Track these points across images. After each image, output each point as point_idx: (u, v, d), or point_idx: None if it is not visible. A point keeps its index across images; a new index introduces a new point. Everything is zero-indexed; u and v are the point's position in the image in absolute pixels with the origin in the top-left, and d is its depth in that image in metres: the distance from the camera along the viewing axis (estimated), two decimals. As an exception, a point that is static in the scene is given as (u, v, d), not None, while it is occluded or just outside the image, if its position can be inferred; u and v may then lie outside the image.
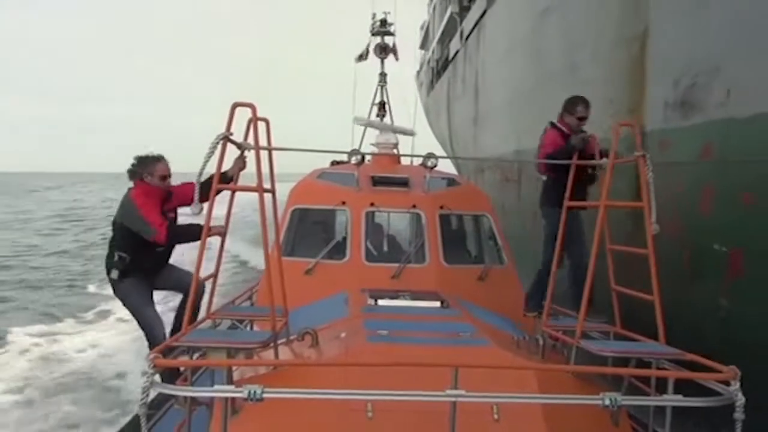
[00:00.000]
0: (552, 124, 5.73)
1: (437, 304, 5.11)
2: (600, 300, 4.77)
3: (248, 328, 5.36)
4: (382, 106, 9.82)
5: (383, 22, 10.37)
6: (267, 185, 4.08)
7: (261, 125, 4.14)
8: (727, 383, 3.06)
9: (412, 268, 6.08)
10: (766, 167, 5.08)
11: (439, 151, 23.26)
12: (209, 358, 3.85)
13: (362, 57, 10.78)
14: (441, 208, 6.46)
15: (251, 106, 3.96)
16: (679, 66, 6.61)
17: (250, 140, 4.08)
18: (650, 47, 7.36)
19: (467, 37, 19.71)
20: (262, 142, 4.17)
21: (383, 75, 10.06)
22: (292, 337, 4.57)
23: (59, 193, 79.51)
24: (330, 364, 3.79)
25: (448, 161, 18.13)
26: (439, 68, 27.04)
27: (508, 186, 13.66)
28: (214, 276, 4.28)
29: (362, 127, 9.46)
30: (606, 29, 8.63)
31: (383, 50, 10.15)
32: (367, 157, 7.64)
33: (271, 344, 4.06)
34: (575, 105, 5.60)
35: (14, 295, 17.47)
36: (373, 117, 10.10)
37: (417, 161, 7.47)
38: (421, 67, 35.49)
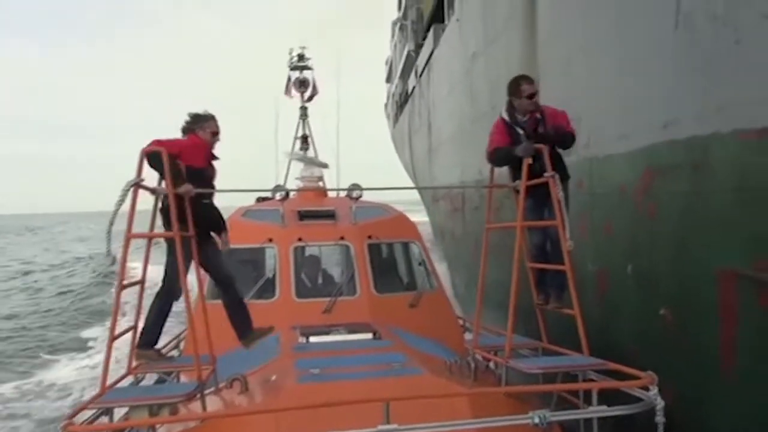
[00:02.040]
0: (500, 116, 5.37)
1: (369, 335, 5.16)
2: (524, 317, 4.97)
3: (176, 379, 5.23)
4: (305, 139, 9.83)
5: (300, 57, 10.38)
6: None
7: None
8: (647, 388, 3.24)
9: (344, 301, 6.07)
10: (614, 198, 6.07)
11: (406, 181, 24.30)
12: (131, 417, 3.73)
13: (287, 91, 10.65)
14: (369, 237, 6.46)
15: (162, 150, 3.95)
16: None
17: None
18: (541, 94, 8.43)
19: (420, 74, 20.94)
20: None
21: (304, 109, 10.08)
22: (221, 385, 4.45)
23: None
24: (257, 411, 3.69)
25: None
26: (401, 102, 28.28)
27: (455, 215, 14.66)
28: (133, 329, 4.20)
29: (286, 162, 9.58)
30: (513, 74, 9.72)
31: (302, 84, 10.19)
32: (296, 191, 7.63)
33: (198, 395, 3.97)
34: (518, 85, 5.13)
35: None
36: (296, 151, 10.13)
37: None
38: (387, 100, 36.79)
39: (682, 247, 4.88)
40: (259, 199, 8.11)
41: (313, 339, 5.35)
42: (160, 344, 5.04)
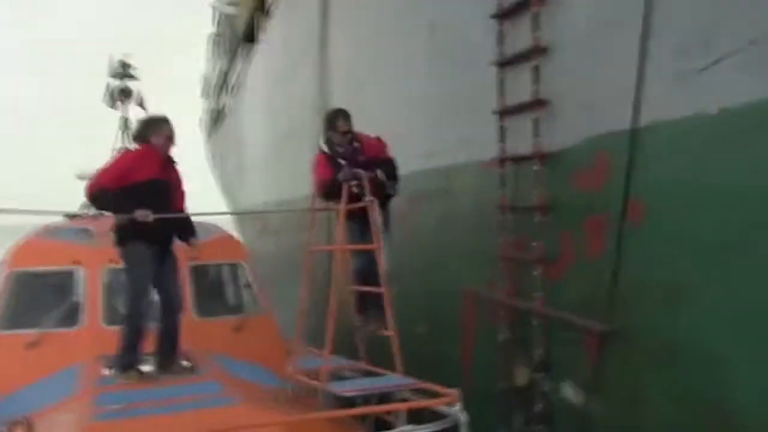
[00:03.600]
0: (320, 149, 5.37)
1: (181, 365, 4.90)
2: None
3: None
4: None
5: (124, 65, 9.68)
6: None
7: None
8: (452, 405, 3.38)
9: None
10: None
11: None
12: None
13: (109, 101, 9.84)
14: (192, 259, 6.03)
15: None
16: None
17: None
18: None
19: (231, 92, 20.65)
20: None
21: (125, 120, 9.44)
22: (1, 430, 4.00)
23: None
24: None
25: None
26: (215, 118, 27.59)
27: (264, 235, 14.57)
28: None
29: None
30: (308, 101, 10.04)
31: (123, 93, 9.54)
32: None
33: None
34: (336, 122, 5.21)
35: None
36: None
37: None
38: (202, 116, 35.68)
39: (435, 268, 5.30)
40: (68, 216, 7.34)
41: None
42: None
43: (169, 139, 4.92)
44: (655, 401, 3.37)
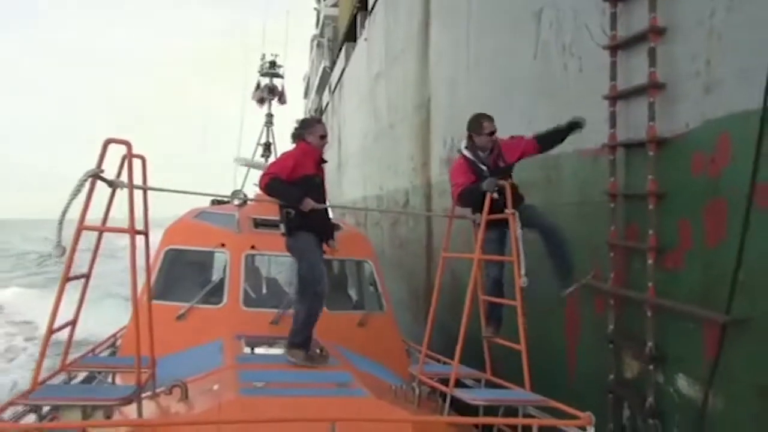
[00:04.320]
0: (459, 152, 5.25)
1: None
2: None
3: (110, 381, 5.06)
4: (267, 147, 9.52)
5: (272, 64, 10.24)
6: (140, 227, 3.87)
7: (137, 164, 3.90)
8: (584, 429, 3.31)
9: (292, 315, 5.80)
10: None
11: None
12: (62, 417, 3.61)
13: (261, 99, 10.33)
14: (323, 253, 6.10)
15: (126, 143, 3.74)
16: (446, 129, 8.11)
17: (124, 179, 3.82)
18: (432, 113, 8.89)
19: (333, 91, 21.23)
20: (137, 181, 3.95)
21: (270, 116, 9.84)
22: (159, 391, 4.23)
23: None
24: (197, 422, 3.52)
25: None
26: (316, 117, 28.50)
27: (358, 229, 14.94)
28: (73, 323, 3.98)
29: (245, 169, 9.22)
30: (409, 94, 10.15)
31: (271, 91, 10.01)
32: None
33: (135, 399, 3.76)
34: (480, 123, 5.08)
35: None
36: (259, 157, 9.81)
37: None
38: (305, 115, 36.91)
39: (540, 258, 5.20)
40: (214, 202, 7.81)
41: (258, 350, 5.23)
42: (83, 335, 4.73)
43: (323, 138, 5.26)
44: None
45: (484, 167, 4.95)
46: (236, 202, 6.21)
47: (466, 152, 5.11)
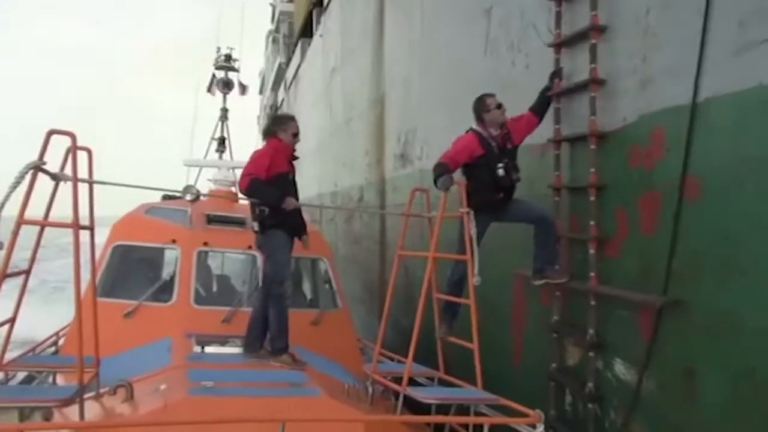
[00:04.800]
0: (472, 129, 5.00)
1: (248, 353, 5.02)
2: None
3: (51, 381, 4.90)
4: (222, 141, 9.34)
5: (228, 57, 10.06)
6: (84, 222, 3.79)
7: (82, 157, 3.79)
8: (534, 426, 3.37)
9: (245, 312, 5.70)
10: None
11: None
12: None
13: (210, 89, 10.21)
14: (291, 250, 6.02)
15: (71, 134, 3.64)
16: (400, 125, 8.19)
17: (68, 172, 3.71)
18: (387, 109, 8.96)
19: (289, 87, 21.09)
20: (83, 174, 3.84)
21: (225, 110, 9.66)
22: (102, 391, 4.12)
23: None
24: (142, 423, 3.41)
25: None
26: (272, 114, 28.22)
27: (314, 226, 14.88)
28: (11, 321, 3.85)
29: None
30: (364, 91, 10.20)
31: (226, 85, 9.83)
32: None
33: (76, 400, 3.65)
34: (484, 102, 4.94)
35: None
36: (212, 152, 9.59)
37: None
38: (260, 112, 36.53)
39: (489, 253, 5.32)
40: (166, 198, 7.65)
41: (208, 349, 5.14)
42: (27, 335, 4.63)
43: (295, 135, 5.32)
44: (707, 376, 3.35)
45: (494, 144, 4.85)
46: (188, 197, 6.14)
47: (477, 128, 4.94)
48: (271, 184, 4.94)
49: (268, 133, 5.31)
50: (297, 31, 20.85)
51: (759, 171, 3.10)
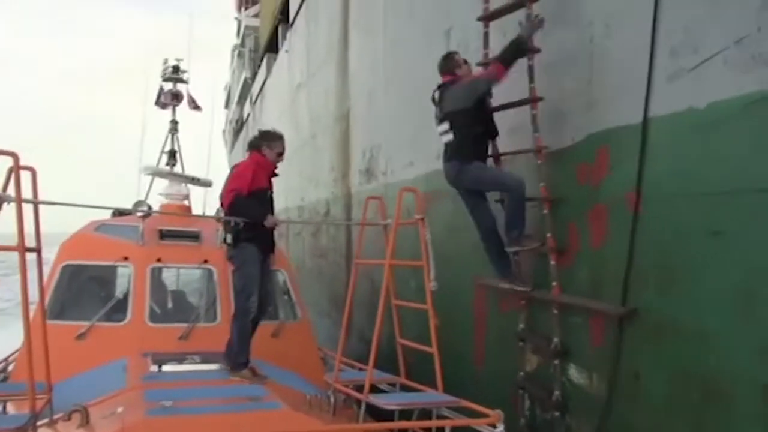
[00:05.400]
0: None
1: (228, 366, 5.03)
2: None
3: (1, 410, 4.80)
4: (172, 154, 9.24)
5: (176, 69, 10.02)
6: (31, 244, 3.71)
7: (25, 176, 3.73)
8: (494, 425, 3.49)
9: (203, 328, 5.74)
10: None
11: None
12: None
13: (164, 104, 10.07)
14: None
15: (13, 154, 3.55)
16: (365, 140, 8.38)
17: (11, 192, 3.62)
18: (352, 124, 9.16)
19: (255, 102, 21.14)
20: (27, 194, 3.78)
21: (174, 123, 9.56)
22: (56, 417, 4.03)
23: None
24: None
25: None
26: (237, 128, 28.18)
27: (279, 240, 14.97)
28: None
29: (149, 178, 8.88)
30: (329, 106, 10.38)
31: (175, 97, 9.80)
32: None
33: (29, 429, 3.57)
34: (453, 58, 5.09)
35: None
36: (162, 166, 9.41)
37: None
38: (225, 126, 36.41)
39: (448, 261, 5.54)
40: (116, 214, 7.48)
41: (165, 368, 5.09)
42: None
43: (280, 155, 5.39)
44: (651, 376, 3.60)
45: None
46: (139, 213, 6.12)
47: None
48: (253, 200, 5.01)
49: (254, 146, 5.33)
50: (262, 46, 20.95)
51: (689, 186, 3.38)
